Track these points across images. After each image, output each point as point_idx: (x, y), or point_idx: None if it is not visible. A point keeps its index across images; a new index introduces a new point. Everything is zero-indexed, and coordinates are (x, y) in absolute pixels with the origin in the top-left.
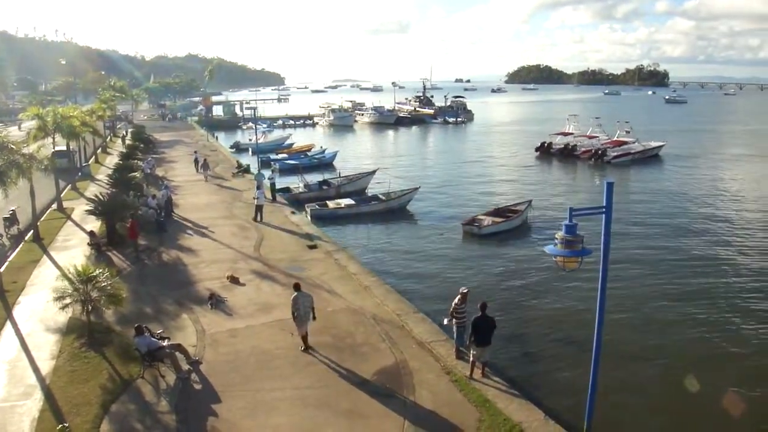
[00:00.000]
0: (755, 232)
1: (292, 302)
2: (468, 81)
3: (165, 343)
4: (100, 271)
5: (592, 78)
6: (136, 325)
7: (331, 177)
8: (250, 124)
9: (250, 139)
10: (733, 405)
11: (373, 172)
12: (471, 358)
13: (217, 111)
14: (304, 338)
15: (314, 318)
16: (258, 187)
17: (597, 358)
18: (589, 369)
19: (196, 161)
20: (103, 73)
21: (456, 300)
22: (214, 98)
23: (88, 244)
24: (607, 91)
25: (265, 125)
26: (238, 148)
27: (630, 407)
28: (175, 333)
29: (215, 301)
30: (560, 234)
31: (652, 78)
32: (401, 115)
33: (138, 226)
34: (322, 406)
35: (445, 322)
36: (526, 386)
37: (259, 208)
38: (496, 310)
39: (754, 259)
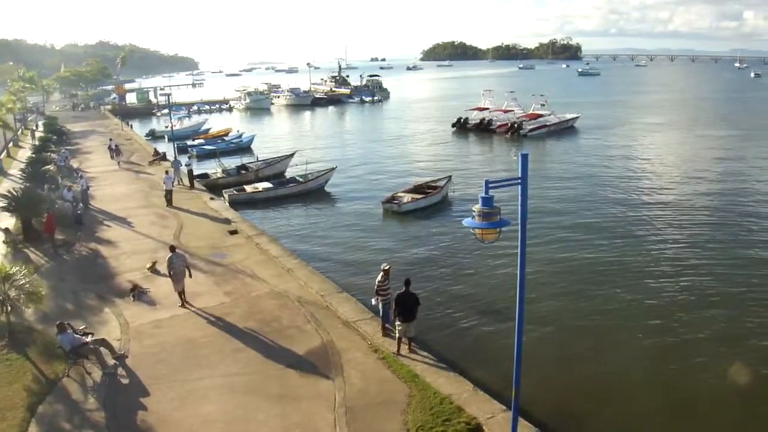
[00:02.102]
0: (667, 196)
1: (167, 262)
2: (383, 60)
3: (89, 339)
4: (17, 269)
5: (506, 53)
6: (57, 322)
7: (250, 161)
8: (165, 110)
9: (166, 126)
10: (653, 366)
11: (292, 154)
12: (397, 335)
13: (131, 99)
14: (181, 294)
15: (190, 276)
16: (166, 173)
17: (520, 327)
18: (514, 338)
19: (110, 149)
20: (11, 63)
21: (379, 277)
22: (127, 86)
23: (2, 241)
24: (521, 66)
25: (181, 111)
26: (154, 136)
27: (556, 372)
28: (99, 328)
29: (137, 293)
30: (477, 206)
31: (566, 51)
32: (317, 95)
33: (54, 221)
34: (253, 391)
35: (373, 302)
36: (453, 359)
37: (168, 193)
38: (420, 286)
39: (667, 223)
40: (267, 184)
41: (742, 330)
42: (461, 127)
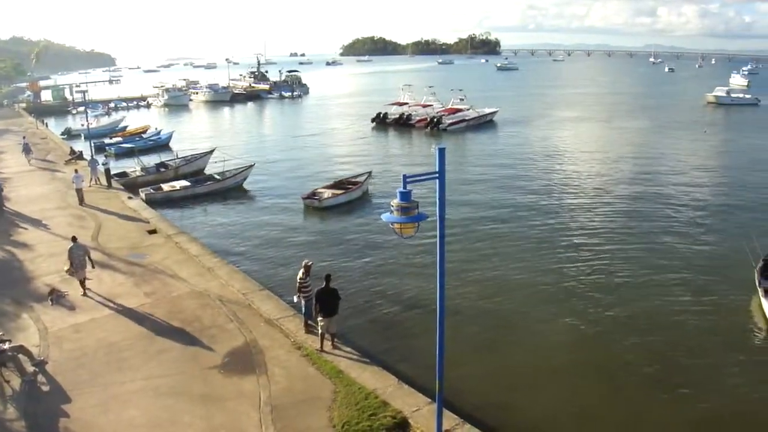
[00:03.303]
0: (583, 186)
1: (68, 253)
2: (303, 55)
3: (6, 345)
4: None
5: (425, 48)
6: None
7: (169, 159)
8: (81, 108)
9: (82, 124)
10: (575, 351)
11: (211, 151)
12: (320, 331)
13: (46, 96)
14: (82, 283)
15: (93, 266)
16: (75, 171)
17: (442, 319)
18: (436, 331)
19: (25, 148)
20: None
21: (300, 274)
22: (42, 83)
23: None
24: (440, 61)
25: (98, 109)
26: (70, 134)
27: (480, 362)
28: (16, 334)
29: (56, 297)
30: (395, 201)
31: (485, 46)
32: (236, 91)
33: None
34: (177, 393)
35: (295, 299)
36: (377, 354)
37: (78, 192)
38: (341, 281)
39: (583, 211)
40: (184, 183)
41: (655, 312)
42: (381, 122)
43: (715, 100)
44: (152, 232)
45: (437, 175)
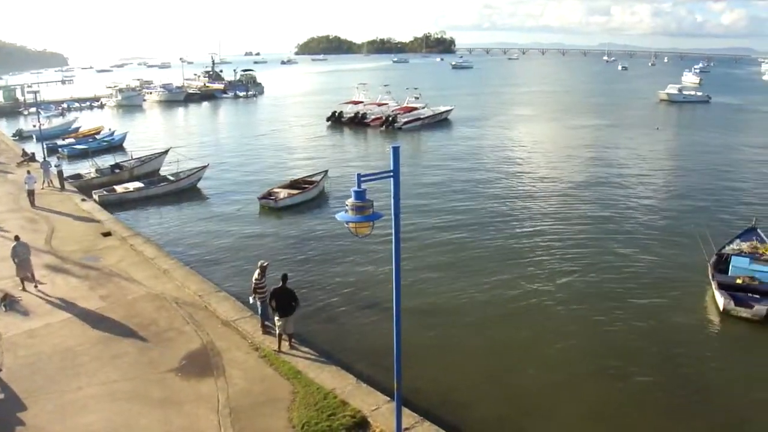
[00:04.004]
0: (537, 183)
1: (11, 251)
2: (258, 54)
3: None
4: None
5: (381, 47)
6: None
7: (124, 160)
8: (33, 109)
9: (34, 126)
10: (532, 348)
11: (166, 151)
12: (277, 331)
13: None
14: (30, 278)
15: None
16: (28, 173)
17: (398, 318)
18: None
19: None
20: None
21: (255, 275)
22: None
23: None
24: (396, 59)
25: (50, 110)
26: (22, 136)
27: (438, 360)
28: None
29: (9, 302)
30: (350, 200)
31: (440, 45)
32: (191, 91)
33: None
34: (134, 398)
35: (251, 300)
36: (335, 353)
37: (30, 193)
38: (298, 281)
39: (538, 207)
40: (138, 184)
41: (611, 306)
42: (336, 121)
43: (668, 97)
44: (107, 234)
45: (392, 173)
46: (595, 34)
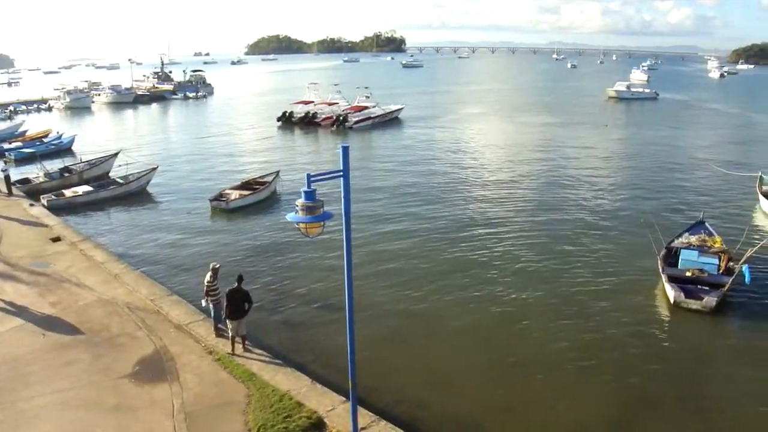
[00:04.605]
0: (488, 180)
1: None
2: (207, 54)
3: None
4: None
5: (331, 46)
6: None
7: (73, 163)
8: None
9: None
10: (486, 346)
11: (116, 154)
12: (230, 333)
13: None
14: None
15: None
16: None
17: (351, 317)
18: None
19: None
20: None
21: (207, 277)
22: None
23: None
24: (346, 59)
25: None
26: None
27: (393, 359)
28: None
29: None
30: (300, 201)
31: (390, 44)
32: (140, 93)
33: None
34: (87, 406)
35: (203, 303)
36: (289, 355)
37: None
38: (251, 283)
39: (491, 204)
40: (87, 188)
41: (564, 300)
42: (286, 121)
43: (616, 94)
44: (56, 239)
45: (342, 173)
46: (545, 32)
